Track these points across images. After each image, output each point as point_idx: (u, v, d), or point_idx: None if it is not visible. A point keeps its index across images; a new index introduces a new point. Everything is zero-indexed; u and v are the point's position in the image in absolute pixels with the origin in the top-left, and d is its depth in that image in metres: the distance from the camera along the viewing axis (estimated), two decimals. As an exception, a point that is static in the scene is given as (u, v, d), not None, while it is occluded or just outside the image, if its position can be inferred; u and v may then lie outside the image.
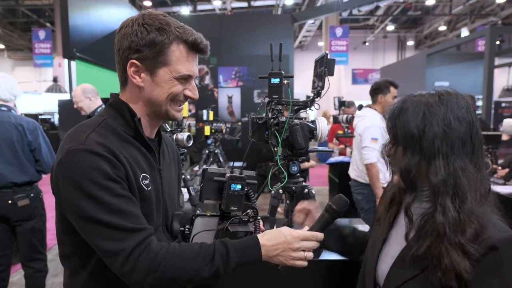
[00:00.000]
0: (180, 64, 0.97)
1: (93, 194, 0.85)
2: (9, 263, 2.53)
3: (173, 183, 1.17)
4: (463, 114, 0.89)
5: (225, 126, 4.08)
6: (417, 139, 0.89)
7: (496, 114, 10.21)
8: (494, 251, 0.79)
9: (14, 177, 2.42)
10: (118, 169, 0.90)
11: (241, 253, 0.93)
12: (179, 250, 0.90)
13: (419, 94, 0.95)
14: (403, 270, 0.91)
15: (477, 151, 0.89)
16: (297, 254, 0.97)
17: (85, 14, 5.39)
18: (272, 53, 1.54)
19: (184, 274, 0.89)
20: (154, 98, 0.99)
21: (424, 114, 0.89)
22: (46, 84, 16.65)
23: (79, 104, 3.07)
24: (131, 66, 0.96)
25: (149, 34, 0.93)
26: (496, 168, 3.31)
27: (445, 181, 0.86)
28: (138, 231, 0.88)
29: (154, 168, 1.03)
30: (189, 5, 14.21)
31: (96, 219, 0.85)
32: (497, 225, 0.83)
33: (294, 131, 1.47)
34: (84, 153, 0.87)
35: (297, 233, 0.99)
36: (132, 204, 0.91)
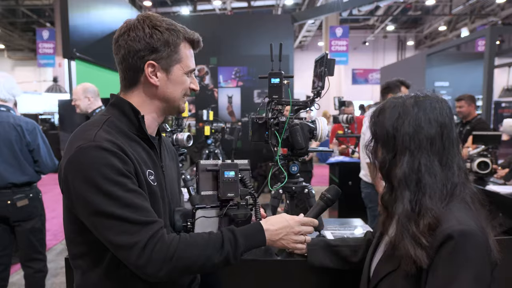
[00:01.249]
0: (188, 60, 1.06)
1: (106, 189, 0.87)
2: (8, 263, 2.53)
3: (174, 182, 1.20)
4: (435, 116, 0.95)
5: (225, 126, 4.07)
6: (391, 137, 0.96)
7: (496, 114, 10.20)
8: (449, 240, 0.83)
9: (13, 178, 2.42)
10: (128, 165, 0.92)
11: (248, 238, 0.99)
12: (190, 239, 0.94)
13: (400, 96, 1.02)
14: (385, 264, 0.98)
15: (448, 150, 0.94)
16: (298, 237, 1.08)
17: (85, 14, 5.39)
18: (272, 53, 1.54)
19: (197, 262, 0.92)
20: (168, 95, 1.05)
21: (399, 114, 0.96)
22: (46, 84, 16.64)
23: (76, 102, 3.06)
24: (149, 66, 1.01)
25: (163, 35, 1.00)
26: (496, 168, 3.31)
27: (407, 175, 0.93)
28: (151, 224, 0.90)
29: (157, 165, 1.07)
30: (189, 5, 14.21)
31: (109, 213, 0.87)
32: (460, 219, 0.86)
33: (294, 131, 1.47)
34: (94, 149, 0.89)
35: (298, 218, 1.10)
36: (143, 198, 0.93)
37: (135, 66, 1.01)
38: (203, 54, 6.79)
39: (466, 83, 10.13)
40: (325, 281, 1.45)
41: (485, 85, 6.98)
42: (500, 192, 2.67)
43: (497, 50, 8.32)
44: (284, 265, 1.45)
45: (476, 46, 13.23)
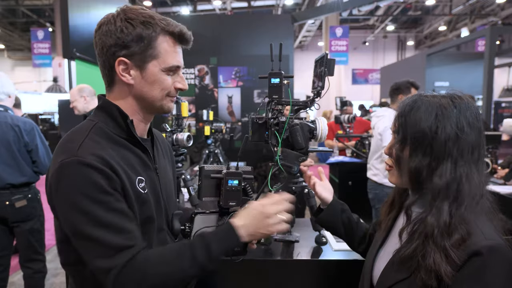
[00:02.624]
0: (169, 56, 0.96)
1: (85, 209, 0.83)
2: (8, 264, 2.53)
3: (170, 182, 1.16)
4: (473, 120, 0.88)
5: (225, 126, 4.07)
6: (429, 139, 0.87)
7: (496, 114, 10.21)
8: (477, 256, 0.79)
9: (11, 178, 2.41)
10: (112, 181, 0.87)
11: (220, 241, 0.93)
12: (158, 257, 0.88)
13: (430, 94, 0.93)
14: (393, 272, 0.92)
15: (481, 159, 0.89)
16: (273, 220, 0.97)
17: (85, 14, 5.39)
18: (272, 53, 1.54)
19: (172, 277, 0.88)
20: (144, 94, 0.97)
21: (437, 115, 0.87)
22: (46, 84, 16.63)
23: (73, 103, 3.05)
24: (120, 64, 0.93)
25: (135, 28, 0.92)
26: (496, 168, 3.31)
27: (449, 185, 0.85)
28: (128, 248, 0.85)
29: (150, 168, 1.02)
30: (189, 5, 14.20)
31: (87, 234, 0.84)
32: (486, 233, 0.83)
33: (294, 131, 1.47)
34: (76, 166, 0.84)
35: (265, 200, 1.00)
36: (125, 218, 0.88)
37: (108, 64, 0.94)
38: (203, 54, 6.81)
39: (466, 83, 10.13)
40: (325, 281, 1.45)
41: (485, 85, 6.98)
42: (500, 192, 2.67)
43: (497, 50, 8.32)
44: (284, 265, 1.45)
45: (476, 46, 13.23)
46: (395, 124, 0.96)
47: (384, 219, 1.07)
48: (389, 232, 1.05)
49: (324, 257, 1.48)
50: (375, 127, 3.17)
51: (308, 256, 1.49)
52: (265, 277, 1.44)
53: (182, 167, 2.28)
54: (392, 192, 1.09)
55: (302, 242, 1.61)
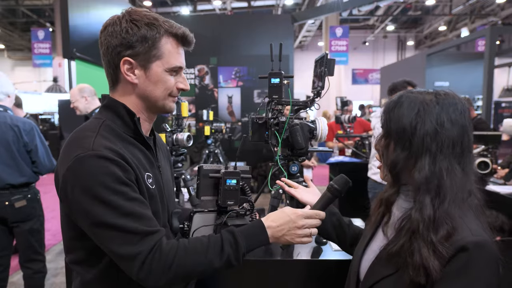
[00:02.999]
0: (172, 57, 0.99)
1: (106, 199, 0.85)
2: (8, 264, 2.52)
3: (170, 181, 1.18)
4: (456, 117, 0.89)
5: (225, 126, 4.07)
6: (408, 134, 0.89)
7: (496, 114, 10.20)
8: (463, 252, 0.80)
9: (10, 179, 2.41)
10: (128, 172, 0.90)
11: (249, 238, 0.96)
12: (189, 245, 0.91)
13: (416, 91, 0.95)
14: (379, 268, 0.93)
15: (466, 155, 0.89)
16: (302, 231, 1.02)
17: (85, 14, 5.39)
18: (272, 53, 1.54)
19: (197, 268, 0.90)
20: (148, 94, 1.00)
21: (418, 110, 0.89)
22: (46, 84, 16.64)
23: (74, 104, 3.04)
24: (125, 63, 0.96)
25: (139, 29, 0.95)
26: (496, 168, 3.31)
27: (428, 179, 0.86)
28: (152, 234, 0.88)
29: (154, 166, 1.05)
30: (189, 5, 14.20)
31: (111, 223, 0.85)
32: (472, 229, 0.83)
33: (294, 131, 1.47)
34: (93, 158, 0.86)
35: (301, 211, 1.03)
36: (144, 206, 0.91)
37: (113, 63, 0.97)
38: (203, 54, 6.81)
39: (466, 83, 10.13)
40: (325, 281, 1.45)
41: (485, 85, 6.98)
42: (500, 192, 2.67)
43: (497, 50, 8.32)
44: (284, 265, 1.45)
45: (476, 46, 13.23)
46: (381, 120, 0.98)
47: (373, 214, 1.08)
48: (377, 227, 1.06)
49: (324, 257, 1.48)
50: (375, 128, 3.18)
51: (308, 256, 1.49)
52: (265, 277, 1.44)
53: (182, 167, 2.28)
54: (385, 188, 1.09)
55: (302, 242, 1.60)
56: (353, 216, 2.23)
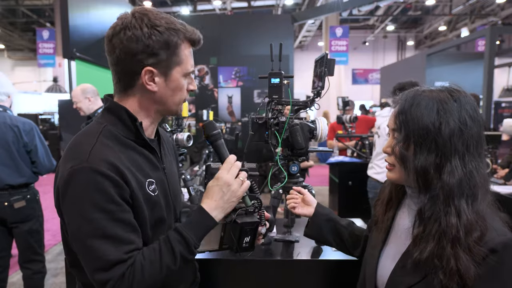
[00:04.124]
0: (188, 62, 0.98)
1: (90, 217, 0.84)
2: (7, 265, 2.52)
3: (176, 180, 1.17)
4: (474, 113, 0.86)
5: (225, 126, 4.06)
6: (432, 135, 0.84)
7: (496, 114, 10.20)
8: (493, 254, 0.78)
9: (10, 179, 2.40)
10: (122, 189, 0.88)
11: (194, 227, 0.94)
12: (144, 261, 0.88)
13: (427, 89, 0.91)
14: (403, 276, 0.90)
15: (483, 152, 0.88)
16: (235, 184, 0.98)
17: (85, 14, 5.39)
18: (272, 53, 1.54)
19: (159, 276, 0.88)
20: (165, 100, 0.99)
21: (438, 110, 0.85)
22: (46, 84, 16.64)
23: (78, 105, 3.02)
24: (146, 73, 0.93)
25: (162, 35, 0.91)
26: (496, 168, 3.31)
27: (462, 181, 0.83)
28: (125, 261, 0.86)
29: (158, 169, 1.03)
30: (189, 5, 14.20)
31: (88, 244, 0.85)
32: (496, 228, 0.82)
33: (294, 131, 1.47)
34: (86, 173, 0.85)
35: (219, 173, 0.99)
36: (128, 229, 0.88)
37: (131, 70, 0.93)
38: (203, 54, 6.81)
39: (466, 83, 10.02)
40: (325, 281, 1.45)
41: (485, 85, 6.98)
42: (500, 192, 2.68)
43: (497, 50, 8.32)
44: (284, 265, 1.45)
45: (476, 46, 13.23)
46: (395, 122, 0.93)
47: (381, 219, 1.05)
48: (389, 232, 1.03)
49: (324, 257, 1.48)
50: (381, 127, 3.17)
51: (308, 256, 1.49)
52: (265, 277, 1.44)
53: (182, 167, 2.28)
54: (388, 190, 1.06)
55: (302, 242, 1.60)
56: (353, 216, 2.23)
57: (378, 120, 3.28)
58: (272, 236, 1.62)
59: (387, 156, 0.98)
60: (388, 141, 0.97)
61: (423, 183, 0.87)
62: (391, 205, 1.04)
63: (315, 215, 1.28)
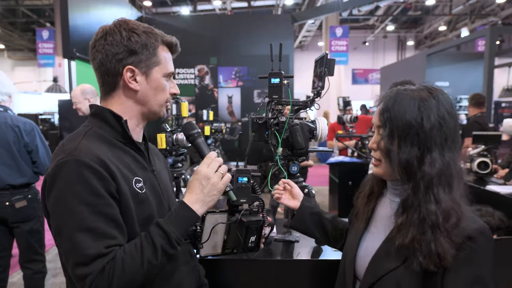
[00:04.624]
0: (167, 63, 1.05)
1: (72, 209, 0.85)
2: (7, 264, 2.52)
3: (169, 185, 1.18)
4: (451, 109, 0.94)
5: (225, 126, 4.06)
6: (415, 130, 0.91)
7: (496, 114, 10.21)
8: (470, 240, 0.85)
9: (11, 179, 2.40)
10: (107, 182, 0.89)
11: (175, 221, 0.95)
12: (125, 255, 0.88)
13: (408, 88, 0.97)
14: (383, 263, 0.95)
15: (460, 145, 0.96)
16: (215, 177, 1.00)
17: (85, 14, 5.39)
18: (272, 53, 1.54)
19: (140, 271, 0.88)
20: (148, 100, 1.03)
21: (419, 106, 0.92)
22: (46, 84, 16.64)
23: (77, 105, 3.01)
24: (127, 71, 0.99)
25: (140, 37, 0.99)
26: (496, 168, 3.31)
27: (441, 172, 0.90)
28: (105, 256, 0.86)
29: (147, 170, 1.04)
30: (189, 5, 14.20)
31: (68, 236, 0.85)
32: (469, 217, 0.90)
33: (294, 131, 1.47)
34: (72, 164, 0.87)
35: (199, 167, 1.02)
36: (110, 224, 0.89)
37: (113, 70, 0.99)
38: (203, 54, 6.82)
39: (466, 83, 10.13)
40: (325, 281, 1.45)
41: (485, 85, 6.99)
42: (500, 192, 2.67)
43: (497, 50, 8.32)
44: (284, 265, 1.45)
45: (476, 46, 13.23)
46: (380, 119, 0.98)
47: (362, 210, 1.10)
48: (369, 221, 1.07)
49: (324, 257, 1.48)
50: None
51: (308, 256, 1.49)
52: (265, 277, 1.44)
53: (182, 167, 2.29)
54: (370, 184, 1.11)
55: (302, 242, 1.61)
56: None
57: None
58: (272, 236, 1.62)
59: (373, 152, 1.03)
60: (373, 137, 1.02)
61: (406, 175, 0.93)
62: (373, 197, 1.10)
63: (300, 208, 1.32)
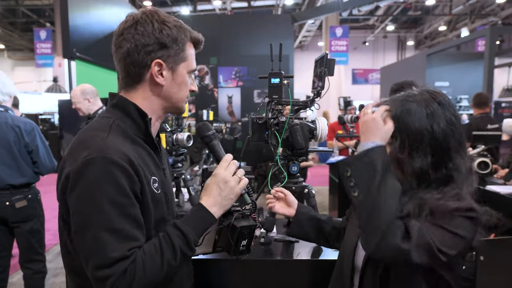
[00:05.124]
0: (192, 60, 1.03)
1: (101, 208, 0.83)
2: (7, 264, 2.52)
3: (170, 183, 1.17)
4: (456, 112, 0.95)
5: (225, 126, 4.06)
6: (427, 138, 0.91)
7: (496, 114, 10.19)
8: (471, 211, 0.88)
9: (11, 179, 2.40)
10: (134, 182, 0.88)
11: (193, 222, 0.95)
12: (145, 256, 0.87)
13: (412, 93, 0.97)
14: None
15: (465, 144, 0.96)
16: (233, 181, 1.00)
17: (85, 14, 5.39)
18: (272, 53, 1.54)
19: (160, 272, 0.88)
20: (173, 95, 1.01)
21: (427, 113, 0.92)
22: (46, 84, 16.64)
23: (77, 105, 3.01)
24: (156, 65, 0.96)
25: (171, 30, 0.96)
26: (496, 168, 3.31)
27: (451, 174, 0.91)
28: (127, 258, 0.85)
29: (159, 168, 1.03)
30: (189, 5, 14.20)
31: (93, 234, 0.83)
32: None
33: (294, 131, 1.47)
34: (101, 162, 0.84)
35: (217, 170, 1.01)
36: (135, 225, 0.88)
37: (141, 62, 0.95)
38: (203, 54, 6.78)
39: (466, 83, 10.12)
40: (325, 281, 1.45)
41: (485, 85, 6.99)
42: (500, 192, 2.67)
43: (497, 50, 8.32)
44: (284, 265, 1.45)
45: (476, 46, 13.22)
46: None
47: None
48: None
49: (324, 257, 1.48)
50: None
51: (308, 256, 1.49)
52: (265, 277, 1.44)
53: (182, 167, 2.28)
54: None
55: (302, 242, 1.60)
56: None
57: None
58: (272, 236, 1.62)
59: None
60: None
61: (424, 182, 0.94)
62: None
63: (296, 215, 1.32)
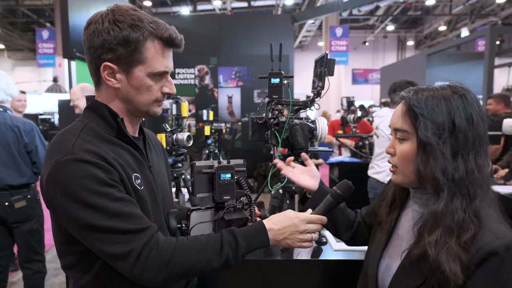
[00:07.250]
0: (156, 61, 0.94)
1: (91, 202, 0.83)
2: (7, 264, 2.52)
3: (165, 180, 1.16)
4: (480, 111, 0.86)
5: (225, 126, 4.06)
6: (447, 136, 0.83)
7: (496, 114, 10.19)
8: (493, 256, 0.77)
9: (10, 180, 2.40)
10: (111, 173, 0.87)
11: (249, 239, 0.94)
12: (187, 243, 0.89)
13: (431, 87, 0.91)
14: (407, 277, 0.89)
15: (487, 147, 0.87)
16: (303, 236, 0.99)
17: (85, 14, 5.38)
18: (272, 53, 1.54)
19: (195, 267, 0.88)
20: (131, 99, 0.96)
21: (448, 109, 0.84)
22: (46, 84, 16.65)
23: (75, 102, 3.01)
24: (105, 68, 0.92)
25: (121, 31, 0.89)
26: (496, 168, 3.31)
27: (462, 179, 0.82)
28: (143, 231, 0.86)
29: (144, 166, 1.02)
30: (189, 5, 14.20)
31: (99, 226, 0.83)
32: (494, 229, 0.81)
33: (294, 131, 1.47)
34: (73, 162, 0.84)
35: (303, 216, 1.00)
36: (132, 205, 0.89)
37: (95, 64, 0.94)
38: (203, 54, 6.81)
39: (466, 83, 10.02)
40: (325, 281, 1.45)
41: (485, 85, 6.99)
42: (500, 192, 2.67)
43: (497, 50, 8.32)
44: (284, 265, 1.45)
45: (476, 46, 13.22)
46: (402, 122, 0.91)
47: (385, 220, 1.04)
48: (392, 233, 1.02)
49: (324, 257, 1.48)
50: (379, 127, 3.18)
51: (308, 256, 1.49)
52: (265, 277, 1.44)
53: (182, 167, 2.28)
54: (391, 192, 1.06)
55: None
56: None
57: (376, 120, 3.29)
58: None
59: (390, 156, 0.96)
60: (391, 141, 0.96)
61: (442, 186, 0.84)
62: (395, 206, 1.04)
63: (318, 192, 1.21)
